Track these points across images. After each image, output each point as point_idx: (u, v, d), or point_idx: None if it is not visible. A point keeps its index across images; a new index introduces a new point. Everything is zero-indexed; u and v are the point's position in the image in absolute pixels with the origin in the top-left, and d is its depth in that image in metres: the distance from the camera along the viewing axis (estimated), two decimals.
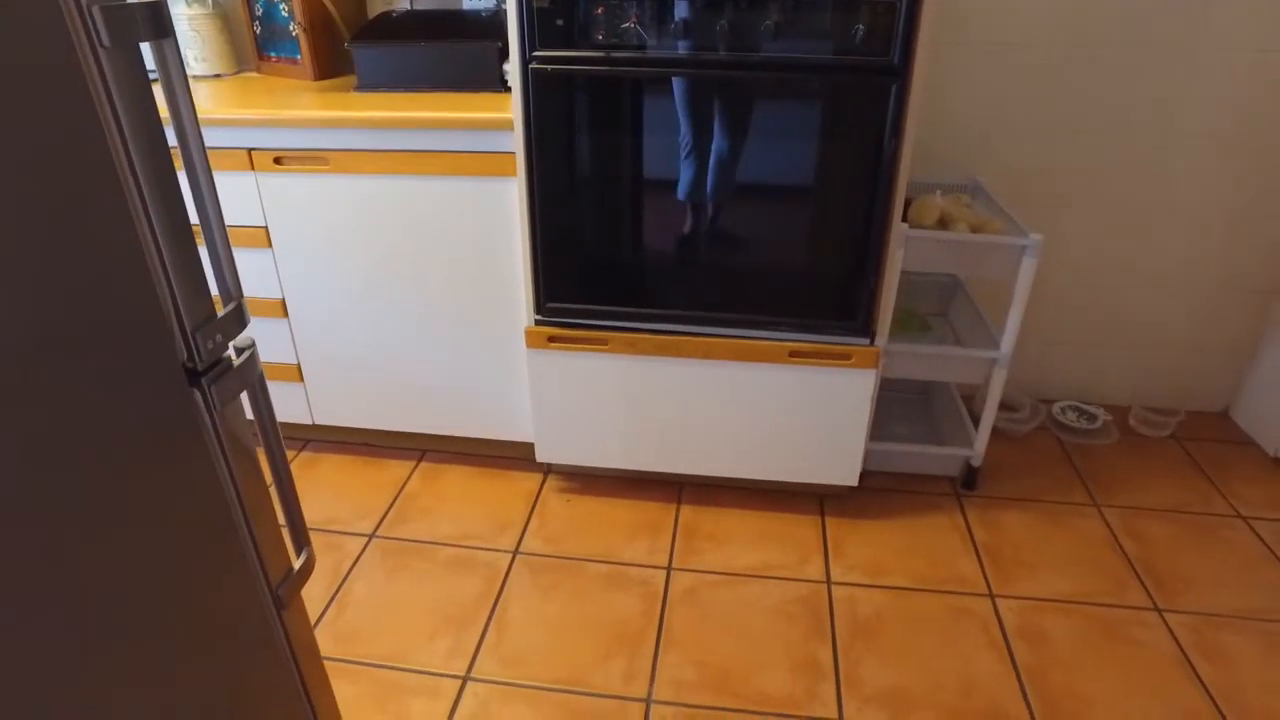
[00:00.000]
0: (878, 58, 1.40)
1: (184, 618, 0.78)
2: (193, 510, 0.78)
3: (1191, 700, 1.48)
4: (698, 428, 1.83)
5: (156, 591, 0.74)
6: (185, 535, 0.77)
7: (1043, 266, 2.15)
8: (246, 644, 0.90)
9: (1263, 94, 1.94)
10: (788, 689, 1.49)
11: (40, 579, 0.60)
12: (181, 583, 0.77)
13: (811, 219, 1.61)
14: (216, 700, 0.84)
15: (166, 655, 0.76)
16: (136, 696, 0.72)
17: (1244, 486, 2.05)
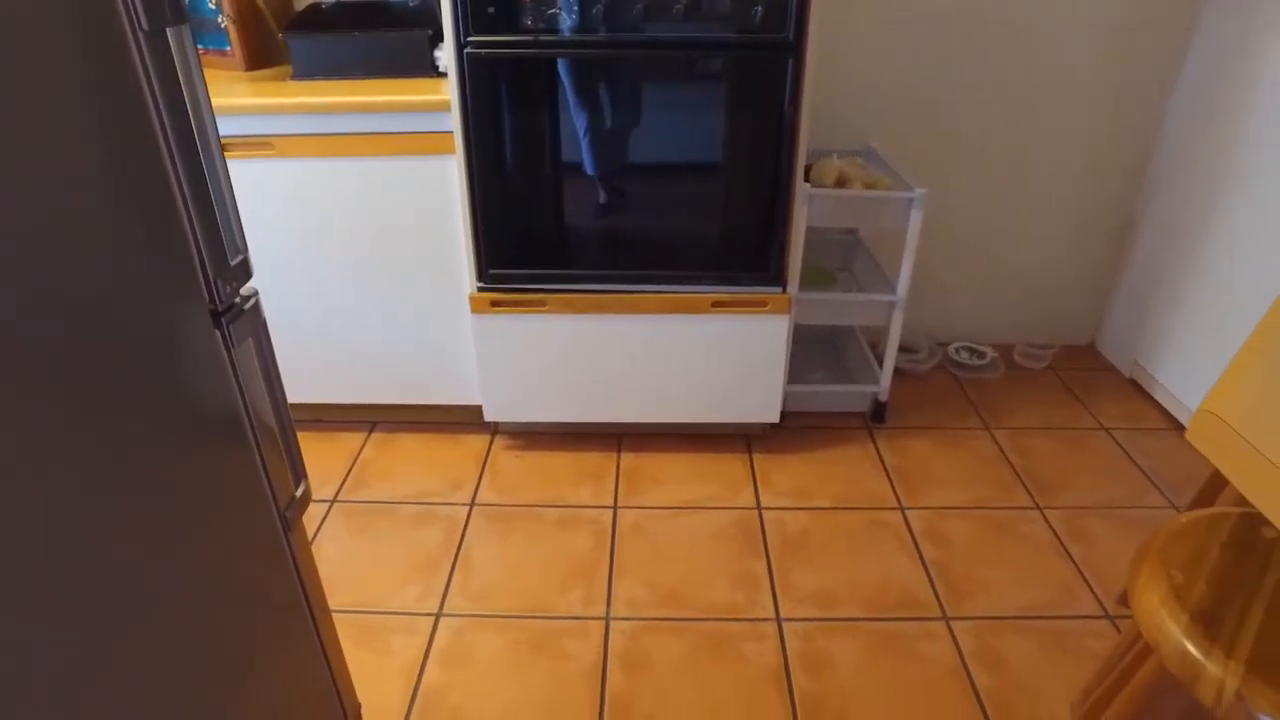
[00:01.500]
0: (775, 35, 1.60)
1: (213, 530, 0.91)
2: (218, 433, 0.91)
3: (1065, 574, 1.74)
4: (633, 379, 2.00)
5: (194, 502, 0.86)
6: (212, 455, 0.90)
7: (933, 221, 2.40)
8: (261, 559, 1.02)
9: (1109, 63, 2.23)
10: (730, 598, 1.69)
11: (105, 476, 0.73)
12: (213, 497, 0.90)
13: (725, 183, 1.79)
14: (240, 600, 0.97)
15: (200, 558, 0.88)
16: (178, 590, 0.85)
17: (1106, 404, 2.36)
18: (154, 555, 0.77)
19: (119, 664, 0.71)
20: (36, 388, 0.61)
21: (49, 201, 0.64)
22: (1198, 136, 2.19)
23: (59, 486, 0.64)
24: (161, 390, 0.79)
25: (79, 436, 0.66)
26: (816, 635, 1.60)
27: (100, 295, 0.70)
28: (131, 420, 0.74)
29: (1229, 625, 0.72)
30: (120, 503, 0.72)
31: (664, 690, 1.48)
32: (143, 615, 0.75)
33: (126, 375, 0.73)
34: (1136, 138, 2.35)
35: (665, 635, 1.60)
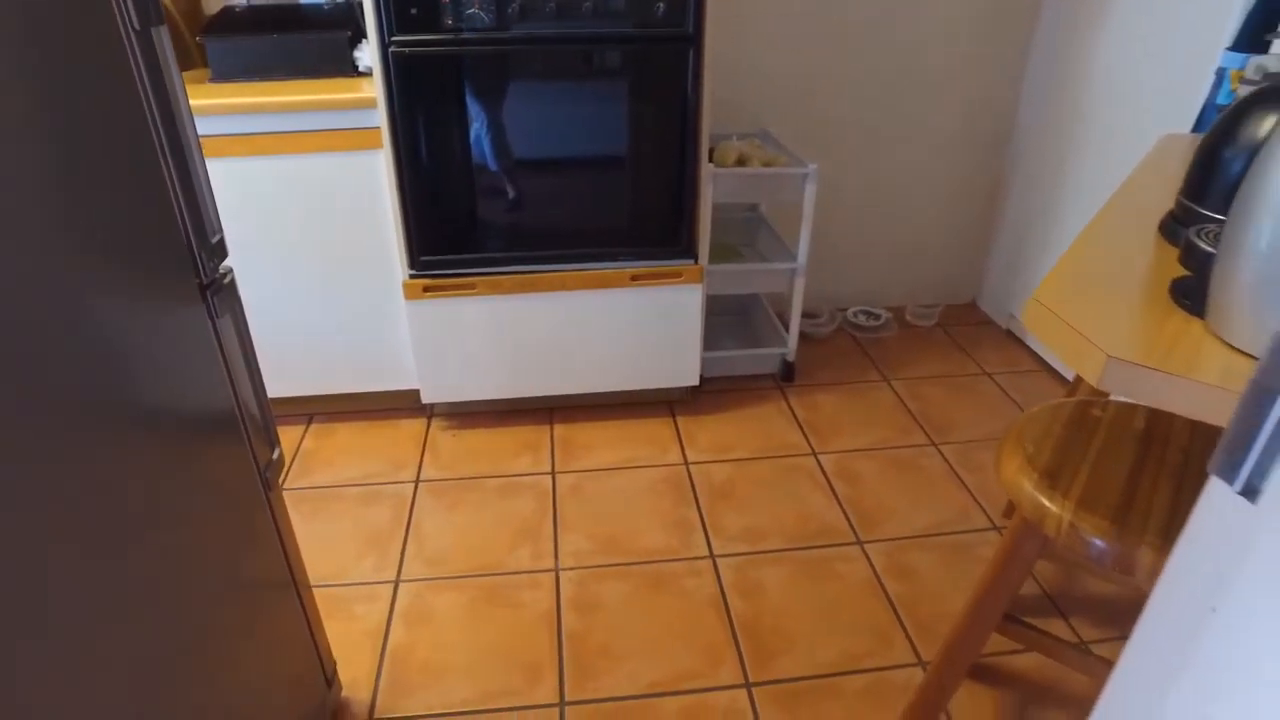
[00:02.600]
0: (677, 29, 1.76)
1: (204, 490, 1.00)
2: (205, 397, 1.00)
3: (960, 498, 1.98)
4: (561, 353, 2.14)
5: (187, 465, 0.96)
6: (201, 418, 1.00)
7: (826, 195, 2.62)
8: (246, 517, 1.12)
9: (969, 45, 2.49)
10: (667, 542, 1.85)
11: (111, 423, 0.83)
12: (203, 459, 1.00)
13: (638, 166, 1.95)
14: (230, 560, 1.07)
15: (199, 511, 0.98)
16: (177, 542, 0.95)
17: (988, 354, 2.63)
18: (153, 512, 0.87)
19: (119, 630, 0.79)
20: (43, 360, 0.69)
21: (58, 180, 0.74)
22: (1047, 111, 2.48)
23: (62, 454, 0.69)
24: (157, 359, 0.89)
25: (88, 403, 0.76)
26: (747, 567, 1.78)
27: (102, 270, 0.79)
28: (131, 384, 0.84)
29: (1065, 479, 0.92)
30: (120, 465, 0.82)
31: (615, 625, 1.63)
32: (140, 575, 0.84)
33: (127, 343, 0.83)
34: (998, 113, 2.63)
35: (611, 579, 1.75)
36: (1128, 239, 0.93)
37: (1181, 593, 0.52)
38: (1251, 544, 0.44)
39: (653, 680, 1.52)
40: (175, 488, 0.90)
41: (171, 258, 0.93)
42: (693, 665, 1.55)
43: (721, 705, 1.48)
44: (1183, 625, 0.51)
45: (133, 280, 0.83)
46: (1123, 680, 0.60)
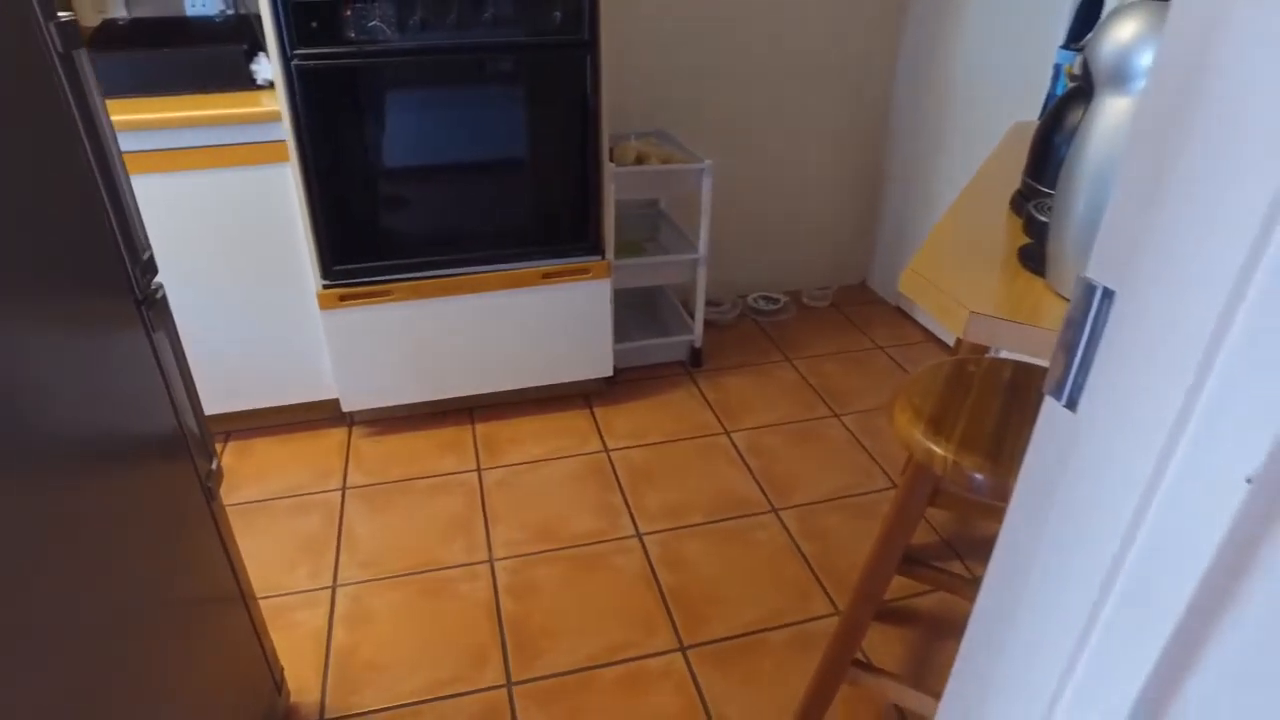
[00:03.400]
0: (575, 35, 1.85)
1: (149, 502, 1.04)
2: (146, 410, 1.03)
3: (862, 462, 2.14)
4: (479, 353, 2.19)
5: (131, 478, 0.99)
6: (143, 432, 1.03)
7: (723, 188, 2.75)
8: (192, 526, 1.15)
9: (845, 41, 2.67)
10: (594, 525, 1.94)
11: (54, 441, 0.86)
12: (147, 471, 1.03)
13: (543, 168, 2.03)
14: (181, 568, 1.10)
15: (146, 529, 1.02)
16: (124, 546, 0.98)
17: (880, 329, 2.83)
18: (102, 528, 0.90)
19: (69, 643, 0.80)
20: None
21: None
22: (917, 105, 2.69)
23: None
24: (98, 372, 0.92)
25: (30, 428, 0.78)
26: (672, 541, 1.89)
27: (40, 292, 0.82)
28: (73, 398, 0.87)
29: (947, 426, 1.06)
30: (68, 479, 0.85)
31: (552, 606, 1.71)
32: (90, 587, 0.88)
33: (64, 359, 0.86)
34: (874, 108, 2.83)
35: (544, 564, 1.82)
36: (985, 215, 1.08)
37: (1027, 499, 0.64)
38: (1074, 445, 0.57)
39: (592, 653, 1.61)
40: (124, 505, 0.93)
41: (107, 276, 0.95)
42: (629, 636, 1.65)
43: (658, 669, 1.58)
44: (1030, 526, 0.64)
45: (70, 300, 0.86)
46: (988, 586, 0.72)
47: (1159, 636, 0.55)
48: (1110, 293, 0.52)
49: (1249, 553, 0.51)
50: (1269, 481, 0.46)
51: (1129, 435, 0.52)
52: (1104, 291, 0.53)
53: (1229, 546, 0.49)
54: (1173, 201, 0.47)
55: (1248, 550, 0.51)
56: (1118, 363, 0.52)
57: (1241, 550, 0.50)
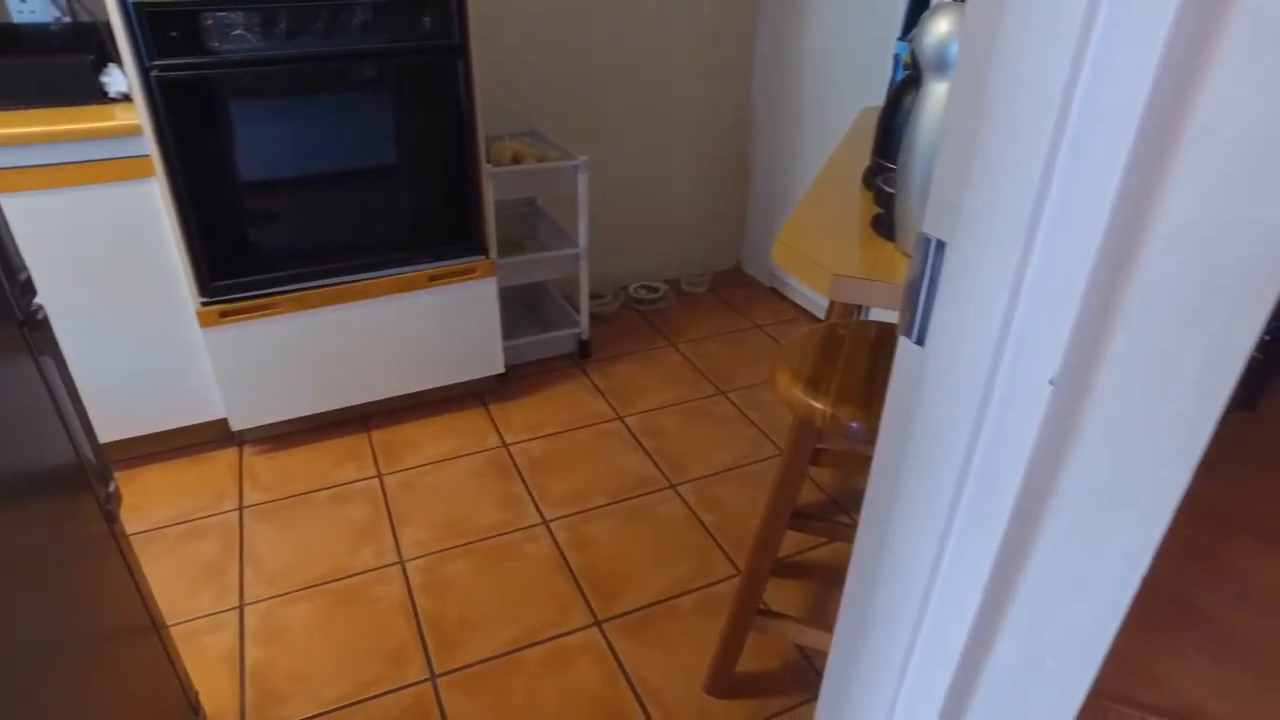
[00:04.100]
0: (445, 40, 1.88)
1: (53, 529, 1.02)
2: (41, 437, 1.02)
3: (750, 434, 2.28)
4: (370, 360, 2.19)
5: (39, 514, 0.98)
6: (40, 456, 1.01)
7: (599, 183, 2.83)
8: (95, 547, 1.13)
9: (706, 39, 2.80)
10: (500, 518, 1.98)
11: None
12: (46, 497, 1.01)
13: (421, 172, 2.05)
14: (87, 591, 1.09)
15: (47, 556, 1.00)
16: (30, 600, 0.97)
17: (756, 310, 2.99)
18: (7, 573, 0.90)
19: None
20: None
21: None
22: (775, 95, 2.86)
23: None
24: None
25: None
26: (578, 525, 1.96)
27: None
28: None
29: (823, 383, 1.18)
30: None
31: (468, 598, 1.75)
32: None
33: None
34: (736, 100, 2.98)
35: (456, 560, 1.86)
36: (841, 191, 1.21)
37: (891, 428, 0.76)
38: (923, 374, 0.68)
39: (512, 637, 1.66)
40: (23, 539, 0.92)
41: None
42: (546, 618, 1.71)
43: (577, 645, 1.65)
44: (894, 452, 0.75)
45: None
46: (866, 511, 0.84)
47: (999, 525, 0.67)
48: (942, 244, 0.63)
49: (1060, 441, 0.64)
50: (1064, 380, 0.59)
51: (964, 360, 0.63)
52: (937, 243, 0.64)
53: (1043, 439, 0.61)
54: (977, 167, 0.58)
55: (1059, 439, 0.63)
56: (952, 300, 0.63)
57: (1054, 440, 0.63)
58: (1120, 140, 0.51)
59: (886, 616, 0.84)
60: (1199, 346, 0.68)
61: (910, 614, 0.79)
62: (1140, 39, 0.48)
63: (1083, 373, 0.62)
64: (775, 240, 0.99)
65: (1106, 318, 0.61)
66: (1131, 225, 0.56)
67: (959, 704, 0.88)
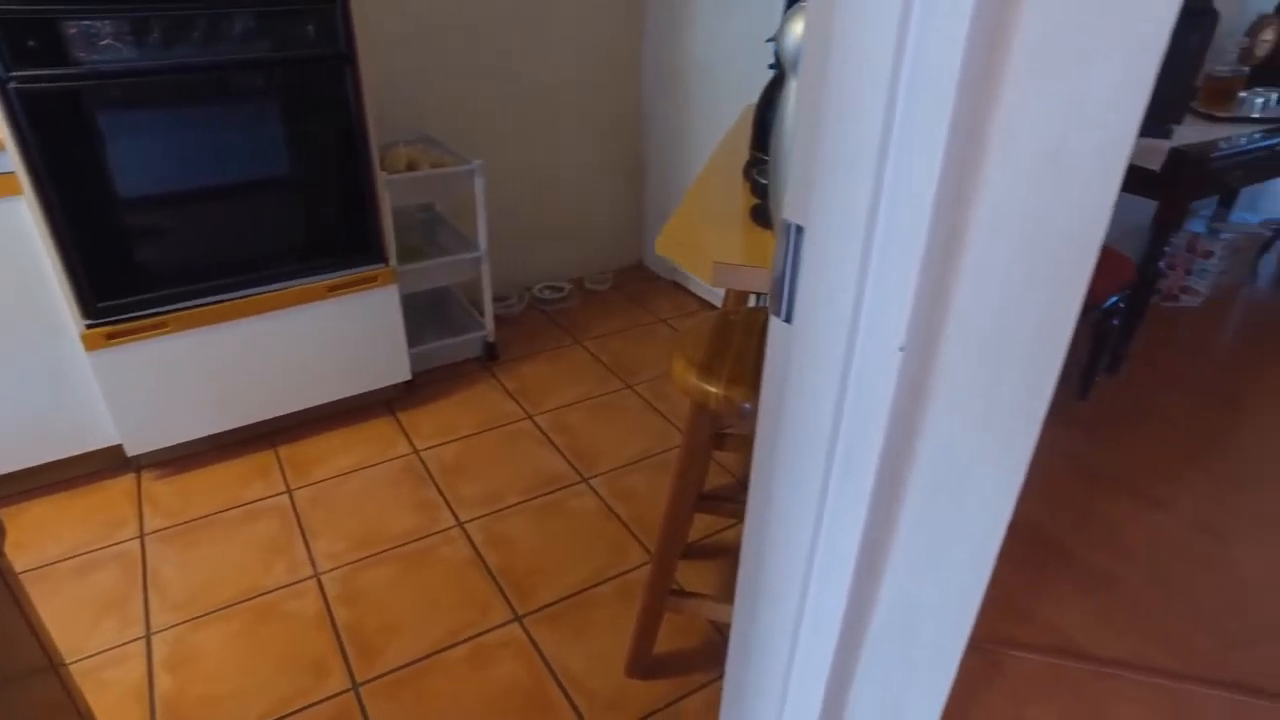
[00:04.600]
0: (331, 49, 1.87)
1: None
2: None
3: (659, 426, 2.35)
4: (271, 375, 2.15)
5: None
6: None
7: (498, 186, 2.85)
8: None
9: (600, 48, 2.85)
10: (415, 523, 1.99)
11: None
12: None
13: (313, 183, 2.02)
14: None
15: None
16: None
17: (659, 304, 3.06)
18: None
19: None
20: None
21: None
22: (664, 96, 2.93)
23: None
24: None
25: None
26: (493, 525, 1.98)
27: None
28: None
29: (716, 368, 1.24)
30: None
31: (386, 606, 1.75)
32: None
33: None
34: (627, 101, 3.04)
35: (372, 568, 1.85)
36: (723, 185, 1.27)
37: (768, 401, 0.82)
38: (791, 349, 0.75)
39: (434, 640, 1.67)
40: None
41: None
42: (466, 617, 1.73)
43: (498, 641, 1.67)
44: (772, 422, 0.82)
45: None
46: (753, 481, 0.90)
47: (868, 482, 0.74)
48: (801, 229, 0.70)
49: (915, 403, 0.71)
50: (911, 347, 0.66)
51: (825, 333, 0.70)
52: (796, 228, 0.70)
53: (899, 401, 0.69)
54: (823, 159, 0.65)
55: (914, 401, 0.71)
56: (812, 280, 0.70)
57: (909, 402, 0.70)
58: (936, 139, 0.58)
59: (777, 580, 0.91)
60: (1031, 313, 0.77)
61: (797, 574, 0.86)
62: (944, 47, 0.55)
63: (928, 340, 0.70)
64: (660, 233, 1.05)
65: (944, 291, 0.68)
66: (955, 211, 0.64)
67: (849, 656, 0.95)
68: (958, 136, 0.58)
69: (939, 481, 0.82)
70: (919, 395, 0.72)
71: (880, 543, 0.85)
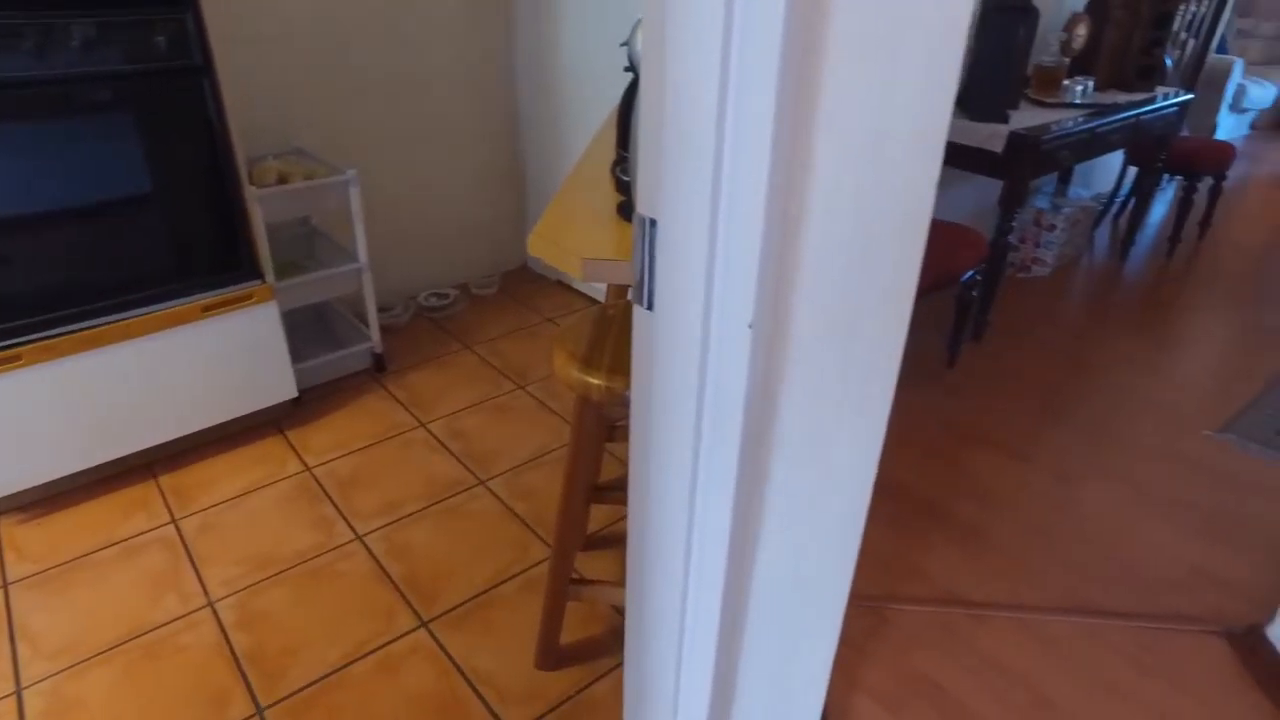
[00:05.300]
0: (185, 61, 1.81)
1: None
2: None
3: (553, 422, 2.38)
4: (146, 403, 2.07)
5: None
6: None
7: (376, 196, 2.81)
8: None
9: (471, 51, 2.85)
10: (313, 540, 1.96)
11: None
12: None
13: (177, 201, 1.96)
14: None
15: None
16: None
17: (546, 304, 3.09)
18: None
19: None
20: None
21: None
22: (538, 100, 2.96)
23: None
24: None
25: None
26: (393, 535, 1.97)
27: None
28: None
29: (596, 360, 1.29)
30: None
31: (288, 626, 1.72)
32: None
33: None
34: (503, 107, 3.05)
35: (270, 590, 1.82)
36: (592, 183, 1.32)
37: (639, 384, 0.87)
38: (654, 334, 0.80)
39: (340, 655, 1.66)
40: None
41: None
42: (371, 628, 1.72)
43: (406, 649, 1.68)
44: (644, 405, 0.87)
45: None
46: (631, 470, 0.96)
47: (734, 453, 0.80)
48: (654, 221, 0.75)
49: (770, 376, 0.78)
50: (760, 323, 0.72)
51: (683, 316, 0.76)
52: (650, 221, 0.76)
53: (755, 374, 0.75)
54: (667, 154, 0.70)
55: (769, 374, 0.77)
56: (667, 268, 0.76)
57: (765, 375, 0.76)
58: (764, 131, 0.64)
59: (661, 555, 0.96)
60: (874, 283, 0.85)
61: (679, 546, 0.92)
62: (763, 49, 0.61)
63: (778, 316, 0.77)
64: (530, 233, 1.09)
65: (789, 269, 0.75)
66: (790, 196, 0.70)
67: (737, 618, 1.02)
68: (785, 127, 0.65)
69: (803, 446, 0.90)
70: (775, 368, 0.79)
71: (753, 507, 0.92)
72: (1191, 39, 3.77)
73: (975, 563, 1.93)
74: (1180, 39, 3.73)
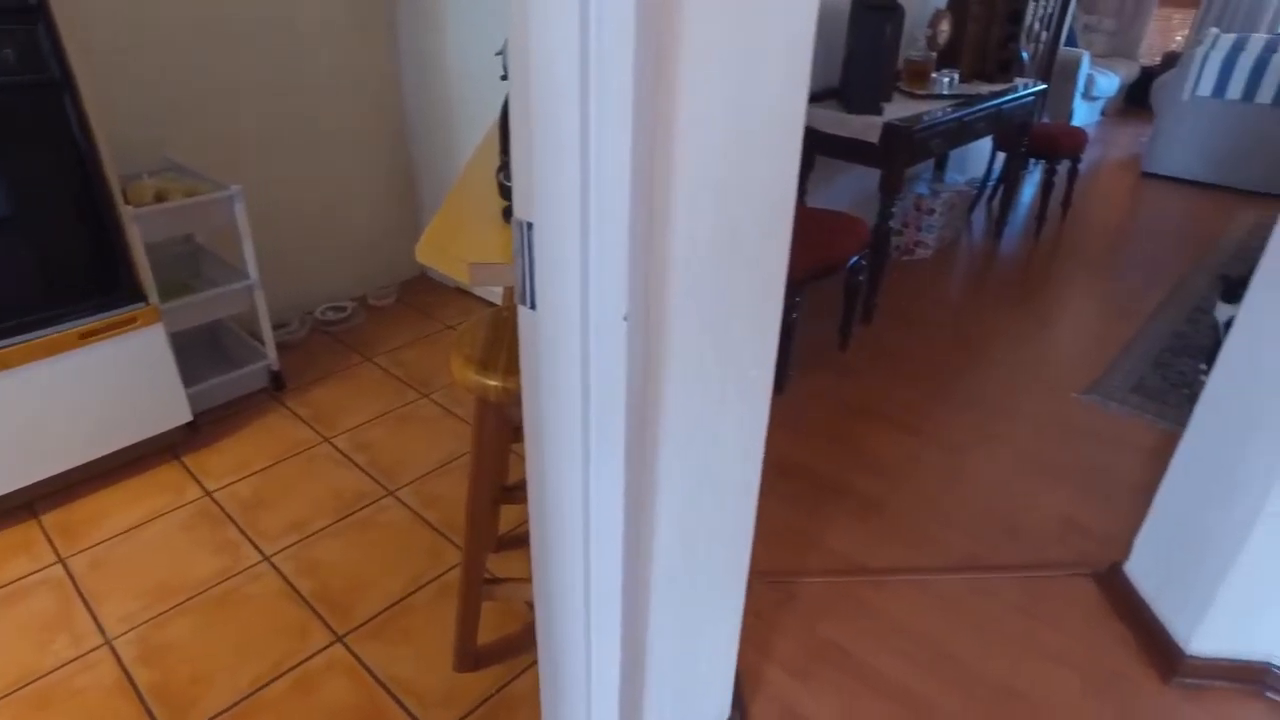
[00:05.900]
0: (40, 75, 1.73)
1: None
2: None
3: (460, 430, 2.39)
4: (23, 437, 1.97)
5: None
6: None
7: (261, 209, 2.73)
8: None
9: (352, 58, 2.81)
10: (218, 566, 1.91)
11: None
12: None
13: (41, 225, 1.87)
14: None
15: None
16: None
17: (446, 310, 3.08)
18: None
19: None
20: None
21: None
22: (425, 106, 2.95)
23: None
24: None
25: None
26: (301, 552, 1.95)
27: None
28: None
29: (493, 361, 1.32)
30: None
31: (195, 654, 1.68)
32: None
33: None
34: (390, 113, 3.02)
35: (174, 621, 1.76)
36: (478, 188, 1.35)
37: (529, 383, 0.91)
38: (538, 332, 0.84)
39: (253, 677, 1.63)
40: None
41: None
42: (285, 648, 1.69)
43: (323, 665, 1.66)
44: (536, 401, 0.91)
45: None
46: (528, 464, 0.99)
47: (621, 438, 0.85)
48: (530, 224, 0.79)
49: (651, 363, 0.83)
50: (634, 315, 0.77)
51: (562, 312, 0.80)
52: (526, 224, 0.79)
53: (634, 363, 0.80)
54: (536, 159, 0.74)
55: (649, 361, 0.82)
56: (545, 267, 0.79)
57: (645, 363, 0.81)
58: (623, 132, 0.69)
59: (561, 545, 1.00)
60: (745, 274, 0.91)
61: (578, 534, 0.96)
62: (618, 50, 0.66)
63: (651, 307, 0.82)
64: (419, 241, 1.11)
65: (657, 262, 0.80)
66: (654, 191, 0.75)
67: (640, 599, 1.07)
68: (645, 126, 0.70)
69: (690, 430, 0.95)
70: (654, 355, 0.84)
71: (645, 491, 0.96)
72: (1045, 33, 4.04)
73: (874, 533, 2.04)
74: (1035, 33, 4.00)
